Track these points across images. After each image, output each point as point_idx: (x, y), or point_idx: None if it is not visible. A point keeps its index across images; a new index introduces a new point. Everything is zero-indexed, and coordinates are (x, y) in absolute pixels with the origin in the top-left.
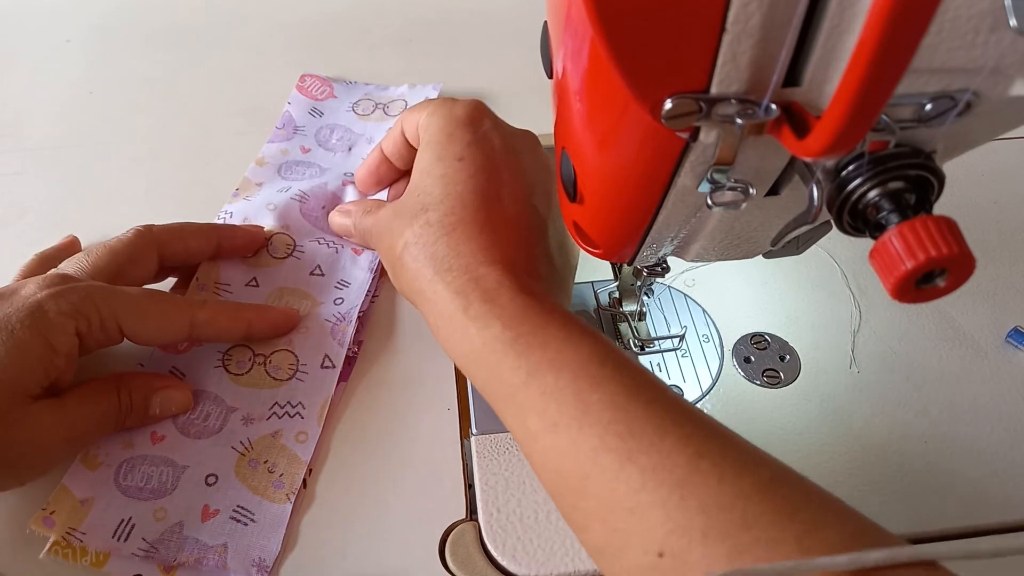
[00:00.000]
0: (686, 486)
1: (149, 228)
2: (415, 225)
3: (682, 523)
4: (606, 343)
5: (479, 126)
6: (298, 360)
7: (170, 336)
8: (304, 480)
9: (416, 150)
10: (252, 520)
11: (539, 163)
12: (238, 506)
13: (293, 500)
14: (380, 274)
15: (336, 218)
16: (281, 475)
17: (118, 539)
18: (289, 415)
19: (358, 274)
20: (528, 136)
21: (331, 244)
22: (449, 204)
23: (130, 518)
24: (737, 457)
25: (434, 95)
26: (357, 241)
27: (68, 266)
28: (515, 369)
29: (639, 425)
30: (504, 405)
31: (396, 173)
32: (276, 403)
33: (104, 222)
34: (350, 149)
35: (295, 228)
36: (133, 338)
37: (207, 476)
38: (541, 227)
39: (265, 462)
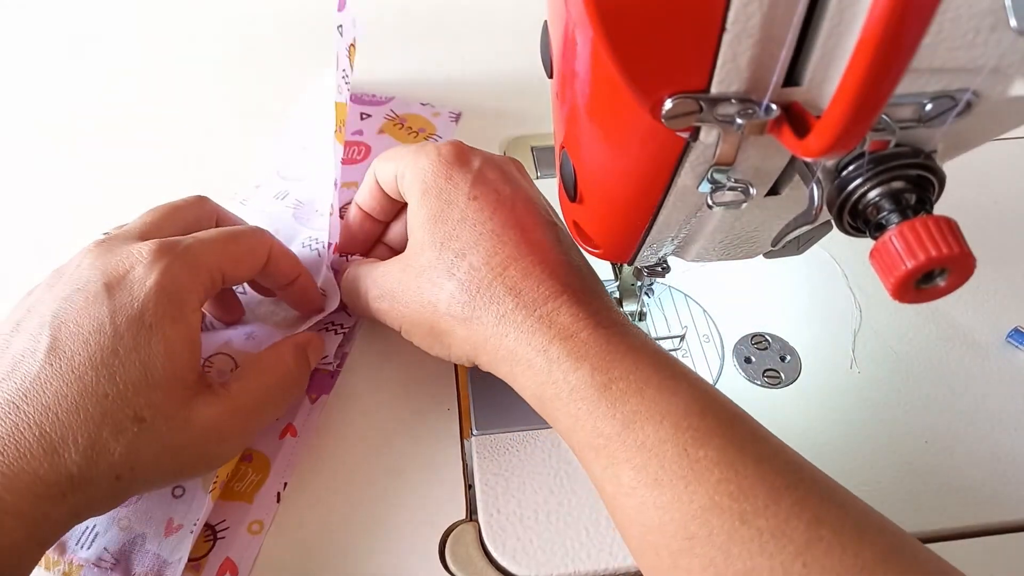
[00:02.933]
0: (808, 554)
1: (206, 198)
2: (458, 273)
3: None
4: (701, 384)
5: (471, 162)
6: None
7: (254, 272)
8: (278, 495)
9: (394, 201)
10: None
11: (531, 183)
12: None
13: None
14: None
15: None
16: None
17: (80, 546)
18: None
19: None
20: (511, 161)
21: (313, 247)
22: (488, 244)
23: (93, 526)
24: (856, 523)
25: (454, 127)
26: (360, 314)
27: (136, 227)
28: (609, 418)
29: (750, 485)
30: (593, 454)
31: (381, 228)
32: None
33: (104, 222)
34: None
35: (284, 232)
36: (229, 283)
37: (174, 488)
38: (572, 243)
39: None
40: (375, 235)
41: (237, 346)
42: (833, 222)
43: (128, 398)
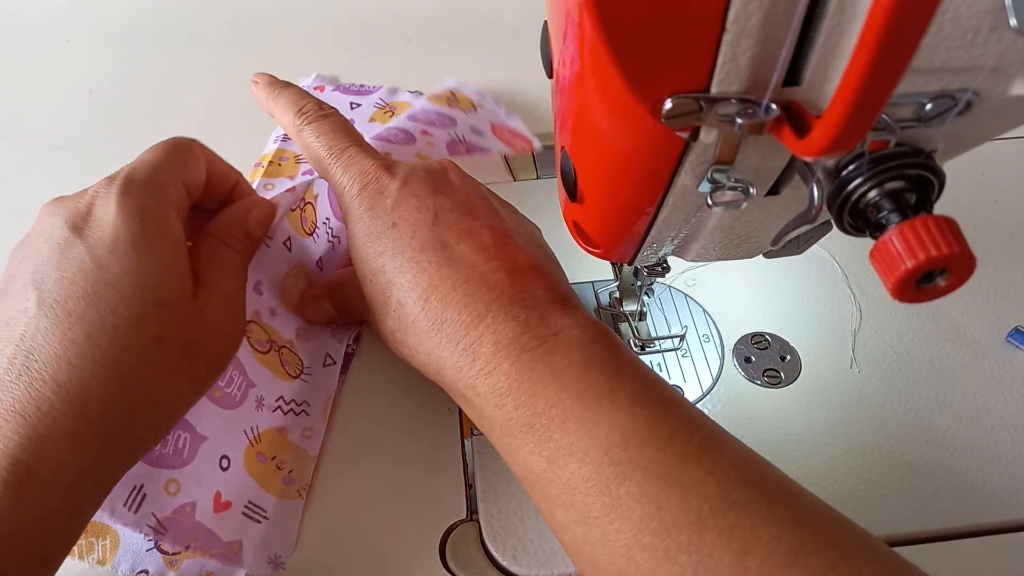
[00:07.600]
0: None
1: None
2: (389, 311)
3: None
4: (627, 406)
5: (392, 181)
6: (302, 363)
7: (204, 171)
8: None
9: None
10: (265, 517)
11: (464, 180)
12: (250, 502)
13: (305, 496)
14: None
15: (310, 307)
16: (291, 471)
17: (128, 508)
18: (295, 412)
19: None
20: (443, 164)
21: (333, 235)
22: (409, 275)
23: (142, 486)
24: (792, 546)
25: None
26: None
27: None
28: (536, 455)
29: (674, 519)
30: (529, 488)
31: None
32: (282, 397)
33: None
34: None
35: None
36: (192, 188)
37: (221, 458)
38: (502, 232)
39: (273, 458)
40: None
41: (266, 320)
42: (833, 222)
43: (138, 323)
